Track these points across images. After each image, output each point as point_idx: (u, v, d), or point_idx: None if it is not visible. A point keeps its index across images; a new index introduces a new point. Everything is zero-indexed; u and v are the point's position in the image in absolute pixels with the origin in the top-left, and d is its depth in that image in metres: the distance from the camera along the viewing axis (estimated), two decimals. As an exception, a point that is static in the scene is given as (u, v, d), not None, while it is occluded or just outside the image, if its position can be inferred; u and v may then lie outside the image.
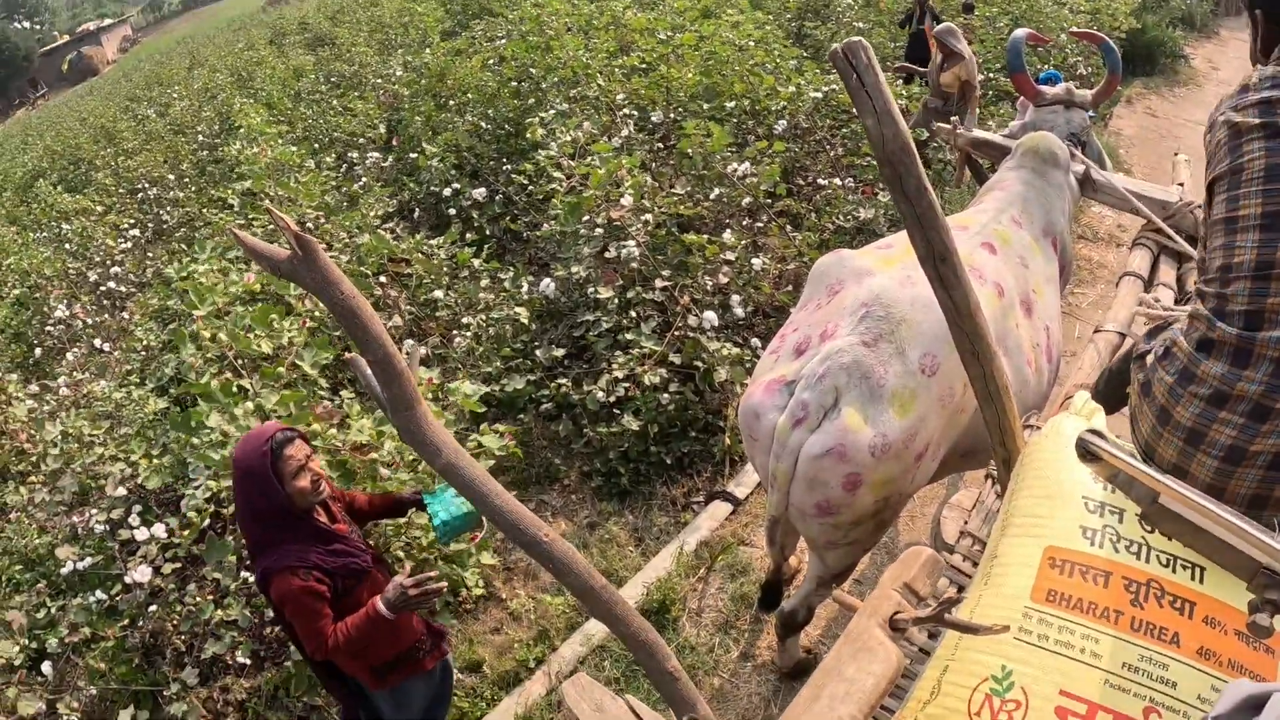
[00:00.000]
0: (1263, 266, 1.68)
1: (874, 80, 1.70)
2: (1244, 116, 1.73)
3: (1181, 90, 11.89)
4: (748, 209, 5.23)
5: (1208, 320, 1.77)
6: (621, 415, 4.39)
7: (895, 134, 1.71)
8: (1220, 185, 1.76)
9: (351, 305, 1.50)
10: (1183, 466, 1.83)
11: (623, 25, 8.02)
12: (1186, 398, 1.80)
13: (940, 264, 1.84)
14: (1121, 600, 1.61)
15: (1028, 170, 3.42)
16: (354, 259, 5.53)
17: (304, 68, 15.75)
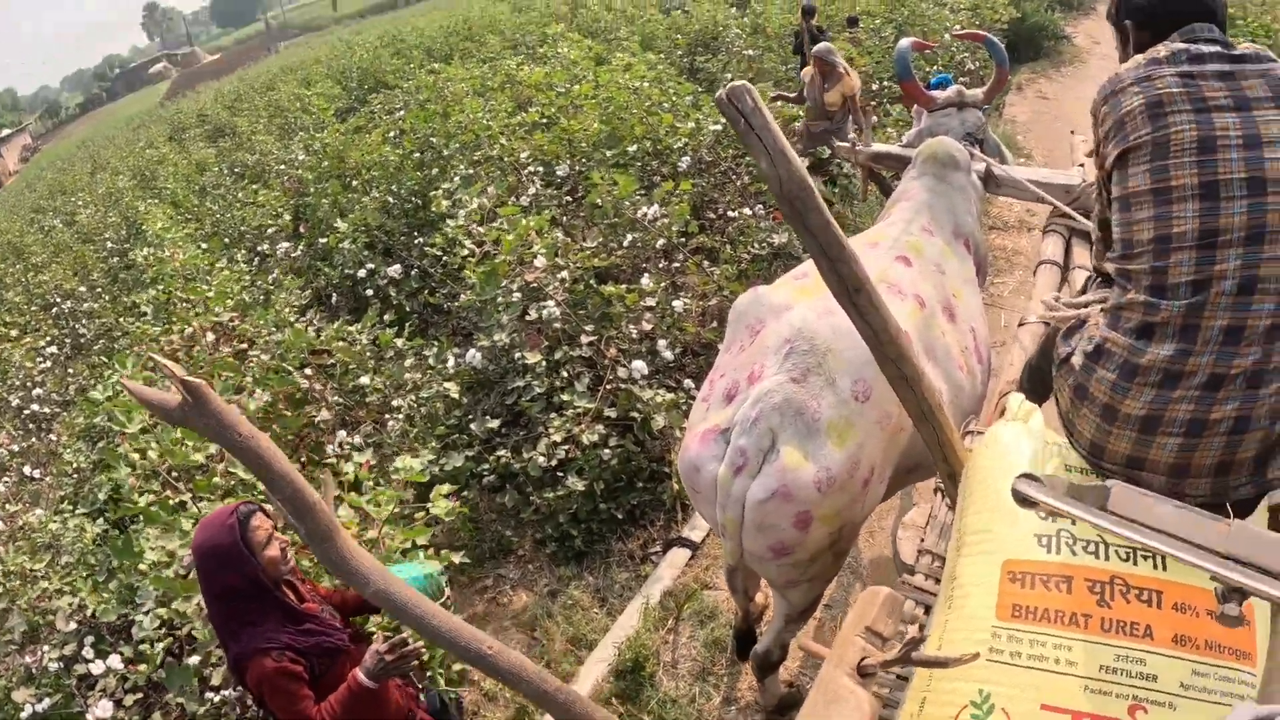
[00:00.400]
0: (1206, 235, 1.68)
1: (762, 121, 1.69)
2: (1166, 87, 1.75)
3: (1068, 69, 12.28)
4: (663, 251, 5.20)
5: (1145, 304, 1.75)
6: (565, 477, 4.29)
7: (790, 172, 1.70)
8: (1138, 156, 1.76)
9: (251, 446, 1.43)
10: (1140, 456, 1.80)
11: (518, 83, 7.99)
12: (1135, 389, 1.77)
13: (855, 295, 1.82)
14: (1088, 603, 1.60)
15: (930, 177, 3.44)
16: (275, 356, 5.37)
17: (206, 161, 15.56)
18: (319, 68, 22.05)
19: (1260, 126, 1.69)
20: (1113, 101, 1.83)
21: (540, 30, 13.66)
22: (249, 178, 12.46)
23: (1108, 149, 1.83)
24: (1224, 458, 1.73)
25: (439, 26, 21.28)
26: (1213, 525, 1.23)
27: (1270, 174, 1.67)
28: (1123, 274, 1.82)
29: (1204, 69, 1.76)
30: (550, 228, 5.02)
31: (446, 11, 28.02)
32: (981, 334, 3.08)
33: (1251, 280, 1.66)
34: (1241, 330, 1.67)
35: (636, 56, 7.80)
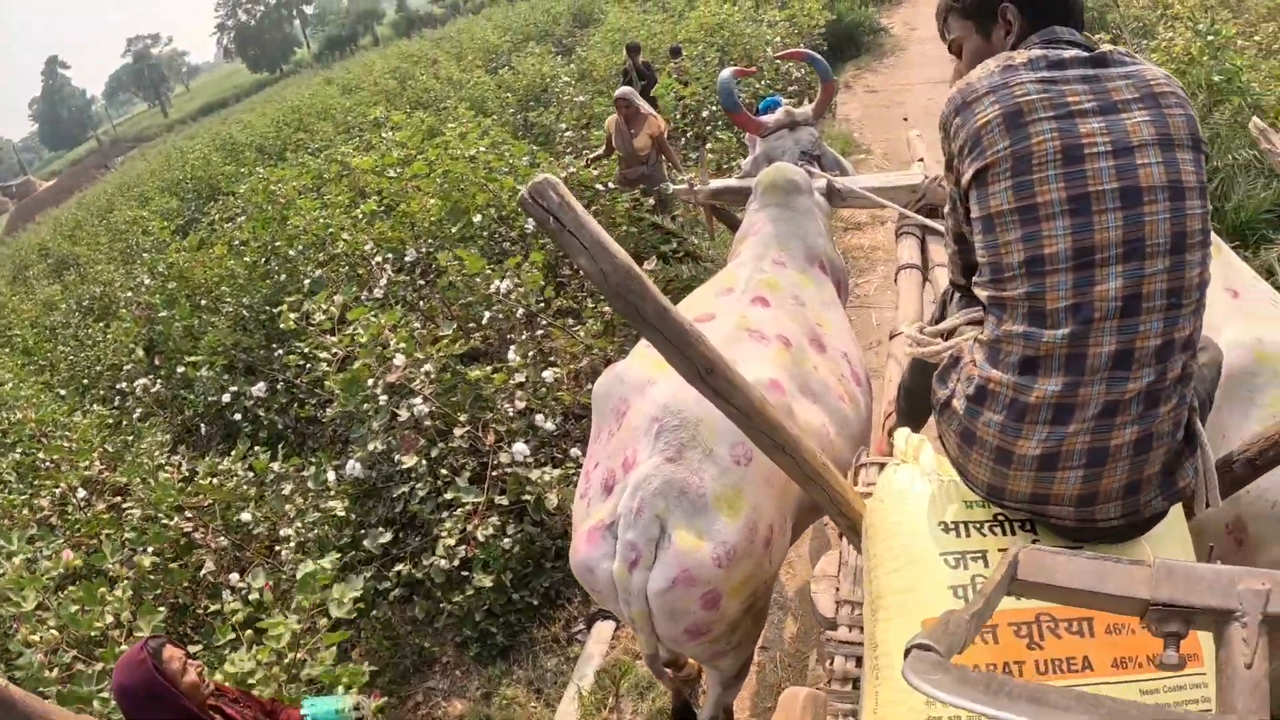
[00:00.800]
0: (1081, 253, 1.52)
1: (574, 216, 1.57)
2: (1025, 95, 1.57)
3: (890, 59, 12.73)
4: (524, 320, 5.07)
5: (1024, 335, 1.58)
6: (472, 575, 4.11)
7: (614, 265, 1.58)
8: (997, 173, 1.58)
9: None
10: (1043, 492, 1.63)
11: (352, 173, 7.76)
12: (1027, 429, 1.60)
13: (708, 377, 1.71)
14: (1018, 649, 1.54)
15: (772, 207, 3.40)
16: (147, 509, 5.03)
17: (53, 299, 14.69)
18: (154, 181, 21.21)
19: (1129, 130, 1.55)
20: (965, 113, 1.64)
21: (369, 113, 13.40)
22: (98, 311, 11.81)
23: (963, 166, 1.65)
24: (1131, 478, 1.60)
25: (270, 120, 20.74)
26: (1133, 571, 1.18)
27: (1144, 181, 1.53)
28: (996, 302, 1.65)
29: (1065, 74, 1.60)
30: (406, 320, 4.83)
31: (277, 104, 27.41)
32: (855, 355, 3.03)
33: (1135, 299, 1.53)
34: (1131, 354, 1.54)
35: (470, 123, 7.67)
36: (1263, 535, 2.30)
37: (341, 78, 27.83)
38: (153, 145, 46.22)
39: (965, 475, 1.78)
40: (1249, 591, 1.08)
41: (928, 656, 1.06)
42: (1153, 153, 1.55)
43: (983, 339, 1.70)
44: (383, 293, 5.57)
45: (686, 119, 8.60)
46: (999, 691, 0.97)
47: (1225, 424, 2.41)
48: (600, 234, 1.59)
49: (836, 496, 1.97)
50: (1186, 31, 6.84)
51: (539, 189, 1.59)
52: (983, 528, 1.75)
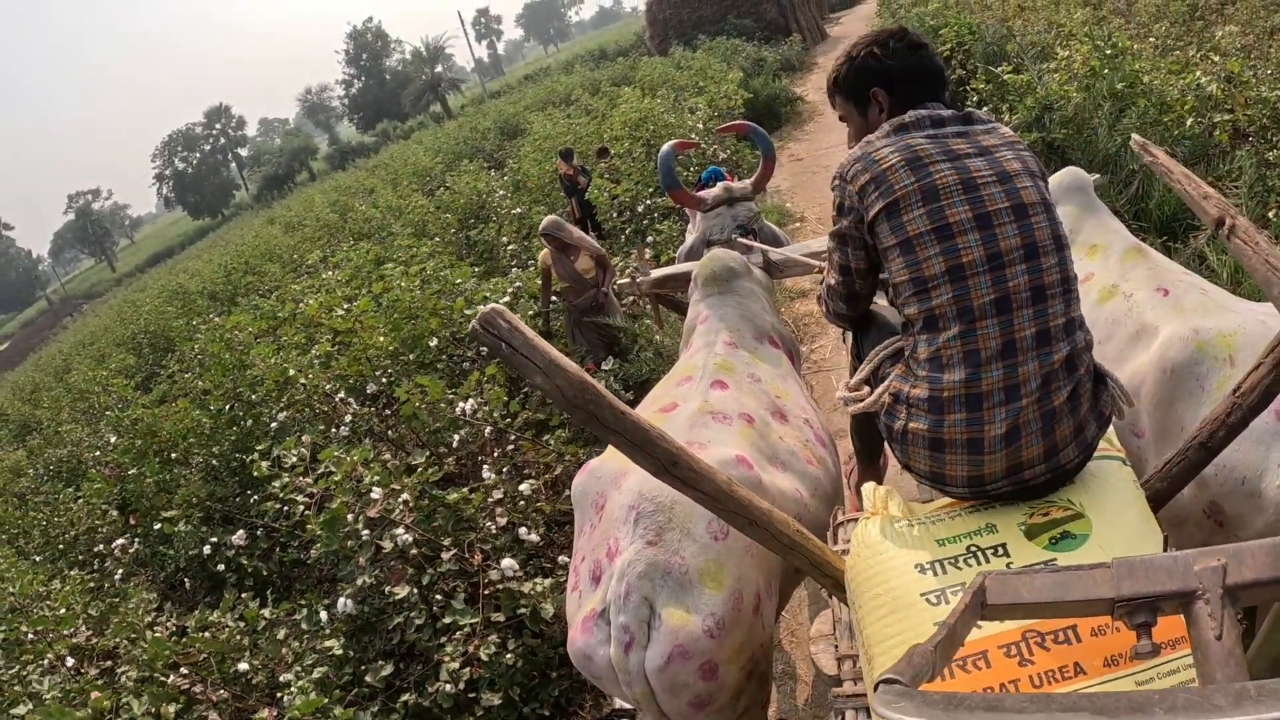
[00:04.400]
0: (993, 258, 1.81)
1: (523, 340, 1.61)
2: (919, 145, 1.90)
3: (810, 126, 13.03)
4: (493, 437, 4.99)
5: (961, 336, 1.82)
6: (479, 696, 3.94)
7: (569, 380, 1.62)
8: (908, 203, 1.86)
9: None
10: (1015, 463, 1.85)
11: (302, 314, 7.66)
12: (987, 413, 1.82)
13: (673, 469, 1.75)
14: (1010, 669, 1.55)
15: (714, 295, 3.41)
16: (141, 671, 4.77)
17: (20, 464, 14.13)
18: (109, 337, 20.73)
19: (1005, 164, 1.88)
20: (866, 160, 1.92)
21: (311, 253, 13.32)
22: (66, 474, 11.38)
23: (868, 202, 1.91)
24: (1076, 424, 1.86)
25: (217, 266, 20.53)
26: (1094, 574, 1.22)
27: (1026, 199, 1.86)
28: (926, 316, 1.87)
29: (945, 130, 1.94)
30: (376, 452, 4.72)
31: (222, 248, 27.18)
32: (816, 420, 3.05)
33: (1040, 289, 1.82)
34: (1049, 331, 1.82)
35: (412, 248, 7.65)
36: (1239, 513, 2.32)
37: (283, 216, 27.79)
38: (103, 300, 45.43)
39: (942, 481, 1.94)
40: (1206, 570, 1.13)
41: (893, 689, 1.08)
42: (1026, 179, 1.89)
43: (919, 357, 1.90)
44: (349, 429, 5.45)
45: (623, 216, 8.65)
46: (957, 707, 1.00)
47: (1182, 416, 2.46)
48: (551, 352, 1.64)
49: (815, 559, 2.01)
50: (1083, 47, 7.05)
51: (488, 319, 1.64)
52: (957, 562, 1.81)
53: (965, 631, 1.28)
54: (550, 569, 4.44)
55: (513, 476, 4.71)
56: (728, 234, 4.06)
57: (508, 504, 4.46)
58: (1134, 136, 3.12)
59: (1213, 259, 4.92)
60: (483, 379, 5.05)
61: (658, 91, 13.63)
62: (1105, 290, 2.97)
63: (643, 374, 5.53)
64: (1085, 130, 6.44)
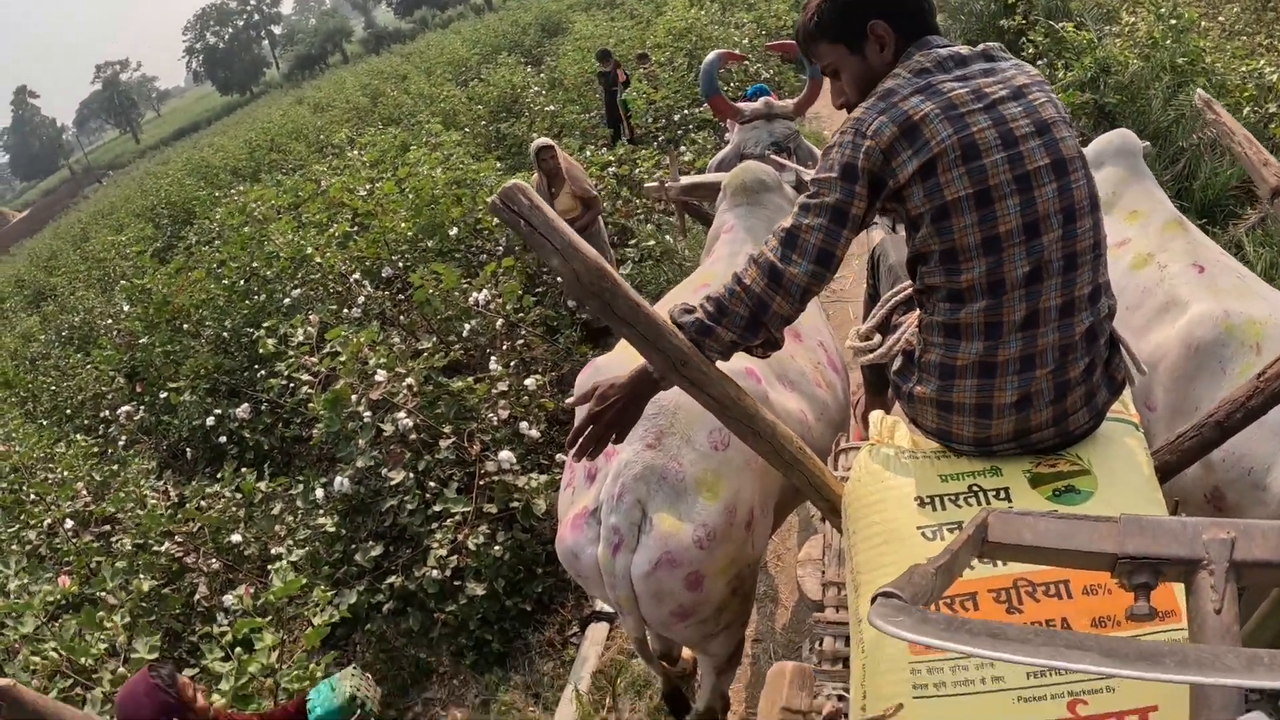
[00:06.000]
0: (1030, 227, 1.68)
1: (543, 219, 1.61)
2: (952, 90, 1.69)
3: (851, 54, 12.75)
4: (504, 331, 5.08)
5: (985, 310, 1.72)
6: (464, 585, 4.11)
7: (586, 265, 1.62)
8: (946, 162, 1.65)
9: None
10: (1023, 428, 1.81)
11: (326, 192, 7.73)
12: (999, 381, 1.76)
13: (683, 369, 1.75)
14: (998, 614, 1.56)
15: (742, 206, 3.41)
16: (137, 537, 5.01)
17: (31, 330, 14.55)
18: (129, 207, 21.02)
19: (1041, 111, 1.71)
20: (892, 113, 1.67)
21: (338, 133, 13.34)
22: (77, 340, 11.73)
23: (896, 164, 1.67)
24: (1088, 391, 1.82)
25: (243, 143, 20.62)
26: (1100, 527, 1.21)
27: (1067, 153, 1.71)
28: (950, 288, 1.74)
29: (971, 69, 1.73)
30: (385, 334, 4.83)
31: (249, 125, 27.25)
32: (830, 344, 3.07)
33: (1073, 256, 1.72)
34: (1073, 302, 1.74)
35: (439, 137, 7.67)
36: (1241, 502, 2.35)
37: (313, 97, 27.71)
38: (126, 172, 45.83)
39: (948, 438, 1.88)
40: (1215, 541, 1.12)
41: (891, 602, 1.09)
42: (1064, 128, 1.73)
43: (936, 323, 1.80)
44: (360, 311, 5.57)
45: (658, 123, 8.61)
46: (959, 629, 1.01)
47: (1199, 395, 2.50)
48: (571, 235, 1.64)
49: (815, 480, 2.01)
50: (1149, 15, 6.90)
51: (509, 194, 1.64)
52: (958, 499, 1.80)
53: (964, 563, 1.28)
54: (547, 466, 4.56)
55: (519, 371, 4.80)
56: (762, 149, 4.04)
57: (511, 397, 4.56)
58: (1198, 92, 3.06)
59: (1250, 250, 4.91)
60: (499, 271, 5.11)
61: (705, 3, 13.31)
62: (1140, 258, 2.98)
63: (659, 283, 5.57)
64: (1140, 100, 6.38)
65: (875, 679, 1.60)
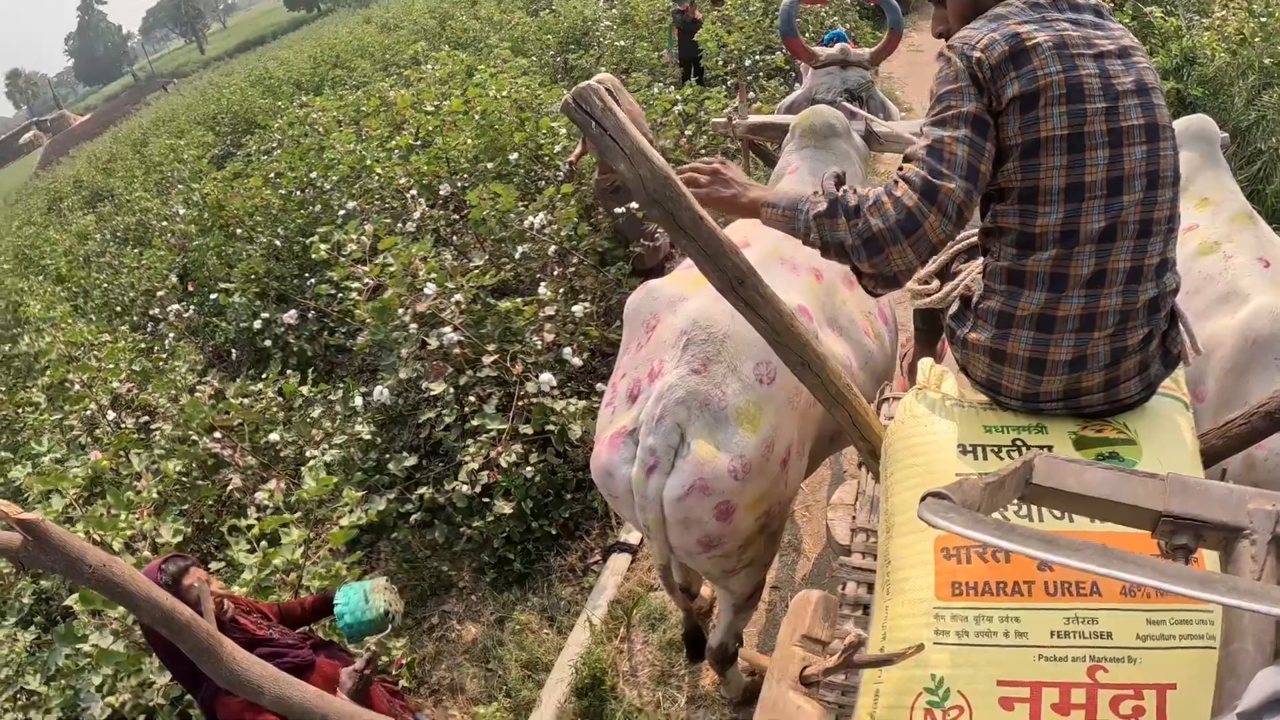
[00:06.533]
0: (1113, 183, 1.68)
1: (615, 122, 1.63)
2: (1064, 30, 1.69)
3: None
4: (556, 257, 5.12)
5: (1053, 259, 1.72)
6: (492, 502, 4.20)
7: (652, 172, 1.64)
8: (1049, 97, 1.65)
9: (105, 575, 1.33)
10: (1073, 388, 1.82)
11: (390, 106, 7.81)
12: (1056, 338, 1.77)
13: (740, 288, 1.77)
14: (1028, 569, 1.56)
15: (809, 148, 3.42)
16: (178, 425, 5.19)
17: (87, 229, 14.95)
18: (190, 115, 21.36)
19: (1143, 74, 1.72)
20: (1006, 32, 1.68)
21: (407, 51, 13.38)
22: (132, 241, 12.03)
23: (1003, 82, 1.66)
24: (1142, 360, 1.82)
25: (307, 57, 20.79)
26: (1146, 483, 1.21)
27: (1159, 120, 1.72)
28: (1022, 229, 1.74)
29: (1083, 16, 1.75)
30: (437, 251, 4.91)
31: (314, 41, 27.41)
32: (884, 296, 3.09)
33: (1148, 223, 1.72)
34: (1141, 269, 1.74)
35: (507, 63, 7.69)
36: None
37: (380, 16, 27.75)
38: (189, 81, 46.37)
39: (997, 390, 1.89)
40: (1260, 511, 1.12)
41: (943, 502, 1.10)
42: (1159, 95, 1.75)
43: (1000, 268, 1.80)
44: (415, 226, 5.64)
45: (728, 67, 8.56)
46: (1011, 531, 1.02)
47: (1250, 388, 2.51)
48: (640, 141, 1.64)
49: (858, 419, 2.02)
50: (1241, 11, 6.82)
51: (583, 94, 1.65)
52: (1000, 452, 1.80)
53: (1008, 495, 1.29)
54: (587, 393, 4.62)
55: (568, 298, 4.85)
56: (834, 95, 4.02)
57: (558, 323, 4.62)
58: None
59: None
60: (557, 197, 5.15)
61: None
62: (1206, 245, 2.99)
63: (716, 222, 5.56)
64: (1222, 95, 6.30)
65: (897, 620, 1.62)
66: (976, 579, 1.58)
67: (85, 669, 3.52)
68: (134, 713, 3.43)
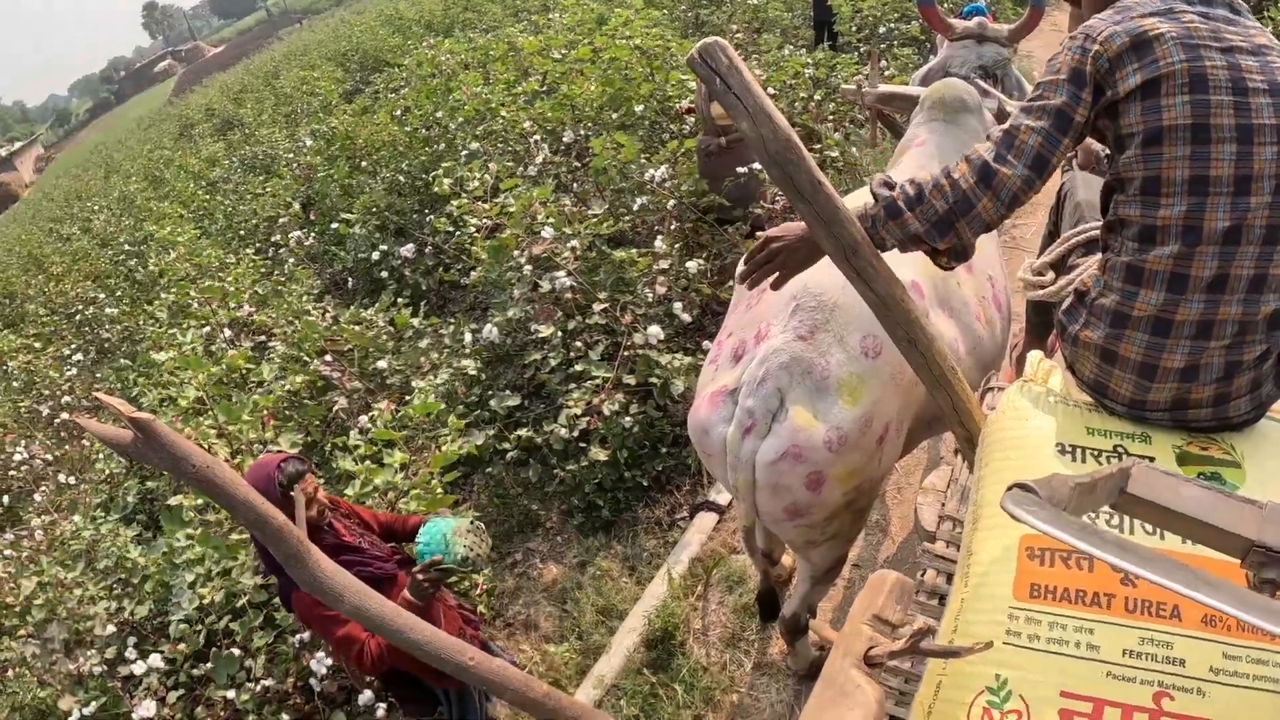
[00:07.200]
0: (1241, 181, 1.64)
1: (740, 80, 1.64)
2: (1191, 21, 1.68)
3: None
4: (674, 212, 5.18)
5: (1174, 256, 1.68)
6: (589, 448, 4.32)
7: (774, 132, 1.65)
8: (1172, 86, 1.64)
9: (207, 475, 1.39)
10: (1182, 398, 1.78)
11: (518, 51, 7.98)
12: (1172, 344, 1.74)
13: (853, 258, 1.78)
14: (1110, 582, 1.53)
15: (938, 122, 3.35)
16: (292, 346, 5.48)
17: (216, 156, 15.72)
18: (321, 51, 22.10)
19: (1276, 74, 1.67)
20: (1129, 25, 1.68)
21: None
22: (258, 169, 12.59)
23: (1120, 75, 1.67)
24: (1255, 377, 1.77)
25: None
26: (1243, 508, 1.18)
27: None
28: (1144, 222, 1.71)
29: (1214, 11, 1.73)
30: (557, 196, 5.02)
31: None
32: (1000, 281, 3.03)
33: (1276, 229, 1.66)
34: (1265, 278, 1.68)
35: (638, 12, 7.73)
36: None
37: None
38: (321, 18, 47.85)
39: (1104, 393, 1.86)
40: None
41: (1028, 495, 1.09)
42: None
43: (1119, 264, 1.77)
44: (537, 170, 5.78)
45: (862, 32, 8.43)
46: (1092, 534, 1.01)
47: None
48: (764, 100, 1.65)
49: (960, 404, 2.00)
50: None
51: (709, 49, 1.66)
52: (1100, 456, 1.77)
53: (1099, 500, 1.26)
54: (693, 350, 4.68)
55: (683, 253, 4.91)
56: (968, 70, 3.93)
57: (671, 276, 4.68)
58: None
59: None
60: (680, 150, 5.20)
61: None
62: None
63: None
64: None
65: (971, 615, 1.62)
66: (1057, 584, 1.55)
67: (181, 565, 3.79)
68: (221, 609, 3.69)
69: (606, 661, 3.65)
